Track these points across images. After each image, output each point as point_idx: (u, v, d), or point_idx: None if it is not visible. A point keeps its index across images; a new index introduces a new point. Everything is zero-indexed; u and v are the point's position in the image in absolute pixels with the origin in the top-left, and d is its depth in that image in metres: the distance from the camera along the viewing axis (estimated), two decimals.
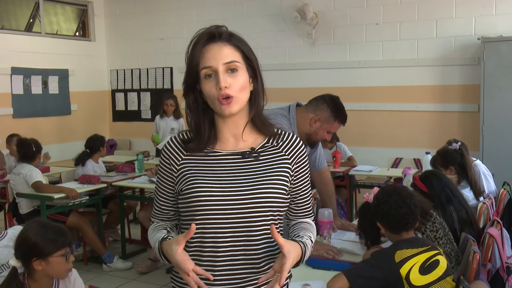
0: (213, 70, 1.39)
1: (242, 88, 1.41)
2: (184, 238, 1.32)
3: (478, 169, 3.79)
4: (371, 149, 6.09)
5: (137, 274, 4.57)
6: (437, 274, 2.01)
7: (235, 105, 1.40)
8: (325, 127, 2.79)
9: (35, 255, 2.07)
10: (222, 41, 1.41)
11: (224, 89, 1.37)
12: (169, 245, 1.36)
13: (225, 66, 1.39)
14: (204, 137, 1.45)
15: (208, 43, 1.41)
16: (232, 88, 1.39)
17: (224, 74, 1.38)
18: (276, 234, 1.31)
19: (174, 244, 1.33)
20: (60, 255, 2.10)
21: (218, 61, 1.39)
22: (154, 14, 7.53)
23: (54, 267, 2.11)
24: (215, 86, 1.38)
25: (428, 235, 2.43)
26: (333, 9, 6.27)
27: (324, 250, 2.54)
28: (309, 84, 6.33)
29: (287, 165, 1.48)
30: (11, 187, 4.71)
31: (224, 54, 1.40)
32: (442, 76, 5.79)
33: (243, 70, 1.42)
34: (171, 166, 1.48)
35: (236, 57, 1.41)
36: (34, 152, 4.70)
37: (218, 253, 1.40)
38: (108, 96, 8.10)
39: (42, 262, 2.08)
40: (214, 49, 1.40)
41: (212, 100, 1.40)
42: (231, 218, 1.39)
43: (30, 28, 7.23)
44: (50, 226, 2.18)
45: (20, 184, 4.54)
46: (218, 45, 1.41)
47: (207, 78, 1.40)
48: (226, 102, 1.38)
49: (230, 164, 1.45)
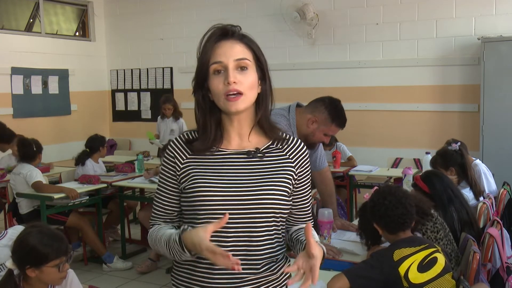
0: (223, 66, 1.39)
1: (251, 87, 1.41)
2: (214, 226, 1.28)
3: (479, 169, 3.79)
4: (371, 149, 6.09)
5: (137, 274, 4.57)
6: (435, 272, 2.02)
7: (242, 103, 1.39)
8: (322, 129, 2.78)
9: (28, 262, 2.07)
10: (235, 39, 1.42)
11: (232, 84, 1.37)
12: (196, 233, 1.29)
13: (235, 62, 1.39)
14: (210, 137, 1.45)
15: (220, 39, 1.42)
16: (242, 84, 1.38)
17: (234, 71, 1.39)
18: (310, 234, 1.28)
19: (202, 232, 1.28)
20: (53, 265, 2.09)
21: (229, 58, 1.39)
22: (154, 14, 7.53)
23: (47, 276, 2.10)
24: (224, 81, 1.38)
25: (429, 236, 2.43)
26: (333, 9, 6.27)
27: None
28: (309, 84, 6.34)
29: (291, 168, 1.48)
30: (11, 187, 4.71)
31: (236, 51, 1.40)
32: (442, 76, 5.79)
33: (253, 70, 1.42)
34: (174, 165, 1.47)
35: (247, 55, 1.42)
36: (35, 152, 4.69)
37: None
38: (108, 96, 8.10)
39: (35, 270, 2.07)
40: (225, 46, 1.41)
41: (219, 96, 1.40)
42: (234, 216, 1.39)
43: (30, 28, 7.23)
44: (48, 233, 2.15)
45: (20, 184, 4.54)
46: (230, 42, 1.41)
47: (216, 74, 1.40)
48: (233, 99, 1.38)
49: (234, 163, 1.45)
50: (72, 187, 4.60)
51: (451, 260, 2.38)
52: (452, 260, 2.40)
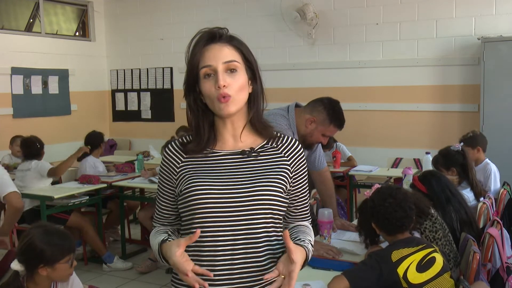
0: (213, 70, 1.40)
1: (241, 89, 1.42)
2: (185, 241, 1.32)
3: (490, 168, 3.82)
4: (371, 149, 6.09)
5: (137, 274, 4.57)
6: (434, 271, 2.03)
7: (232, 105, 1.40)
8: (320, 130, 2.78)
9: (41, 262, 2.10)
10: (223, 41, 1.43)
11: (222, 88, 1.38)
12: (169, 247, 1.36)
13: (224, 65, 1.40)
14: (203, 138, 1.46)
15: (209, 43, 1.42)
16: (231, 87, 1.39)
17: (223, 74, 1.39)
18: (288, 239, 1.31)
19: (175, 246, 1.34)
20: (66, 261, 2.15)
21: (218, 61, 1.40)
22: (154, 14, 7.53)
23: (59, 272, 2.15)
24: (214, 85, 1.39)
25: (427, 235, 2.44)
26: (333, 9, 6.27)
27: (324, 250, 2.54)
28: (309, 84, 6.33)
29: (286, 167, 1.49)
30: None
31: (224, 53, 1.41)
32: (442, 76, 5.79)
33: (242, 71, 1.43)
34: (171, 169, 1.49)
35: (235, 57, 1.42)
36: (39, 149, 4.79)
37: (217, 253, 1.40)
38: (108, 96, 8.09)
39: (48, 269, 2.11)
40: (214, 49, 1.41)
41: (211, 99, 1.41)
42: (231, 216, 1.39)
43: (30, 28, 7.23)
44: (55, 232, 2.21)
45: (30, 180, 4.61)
46: (218, 45, 1.42)
47: (206, 78, 1.41)
48: (224, 100, 1.39)
49: (229, 163, 1.46)
50: (72, 187, 4.62)
51: (449, 260, 2.38)
52: (450, 261, 2.40)
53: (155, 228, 1.55)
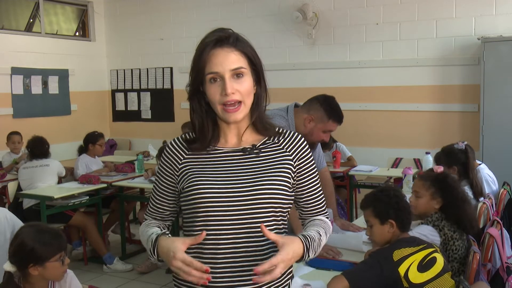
0: (220, 76, 1.41)
1: (248, 93, 1.43)
2: (190, 241, 1.32)
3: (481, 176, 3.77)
4: (371, 149, 6.09)
5: (137, 274, 4.57)
6: (435, 271, 2.03)
7: (240, 113, 1.42)
8: (320, 127, 2.78)
9: (31, 261, 2.07)
10: (229, 46, 1.42)
11: (230, 95, 1.39)
12: (172, 241, 1.35)
13: (231, 72, 1.40)
14: (207, 136, 1.47)
15: (215, 47, 1.42)
16: (239, 93, 1.41)
17: (230, 80, 1.40)
18: (266, 232, 1.31)
19: (179, 242, 1.33)
20: (56, 259, 2.11)
21: (225, 67, 1.40)
22: (154, 14, 7.52)
23: (51, 271, 2.12)
24: (220, 91, 1.40)
25: (445, 233, 2.44)
26: (333, 9, 6.27)
27: (324, 250, 2.54)
28: (309, 84, 6.34)
29: (288, 161, 1.49)
30: (12, 185, 4.75)
31: (231, 60, 1.41)
32: (442, 76, 5.79)
33: (248, 76, 1.44)
34: (173, 165, 1.50)
35: (242, 63, 1.42)
36: (47, 149, 4.96)
37: (219, 248, 1.41)
38: (108, 96, 8.09)
39: (38, 268, 2.09)
40: (221, 55, 1.41)
41: (216, 104, 1.42)
42: (233, 213, 1.40)
43: (30, 28, 7.22)
44: (46, 230, 2.18)
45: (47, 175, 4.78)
46: (225, 50, 1.41)
47: (212, 82, 1.42)
48: (232, 110, 1.40)
49: (231, 160, 1.47)
50: (72, 187, 4.62)
51: (457, 262, 2.39)
52: (454, 265, 2.40)
53: (146, 220, 1.57)
